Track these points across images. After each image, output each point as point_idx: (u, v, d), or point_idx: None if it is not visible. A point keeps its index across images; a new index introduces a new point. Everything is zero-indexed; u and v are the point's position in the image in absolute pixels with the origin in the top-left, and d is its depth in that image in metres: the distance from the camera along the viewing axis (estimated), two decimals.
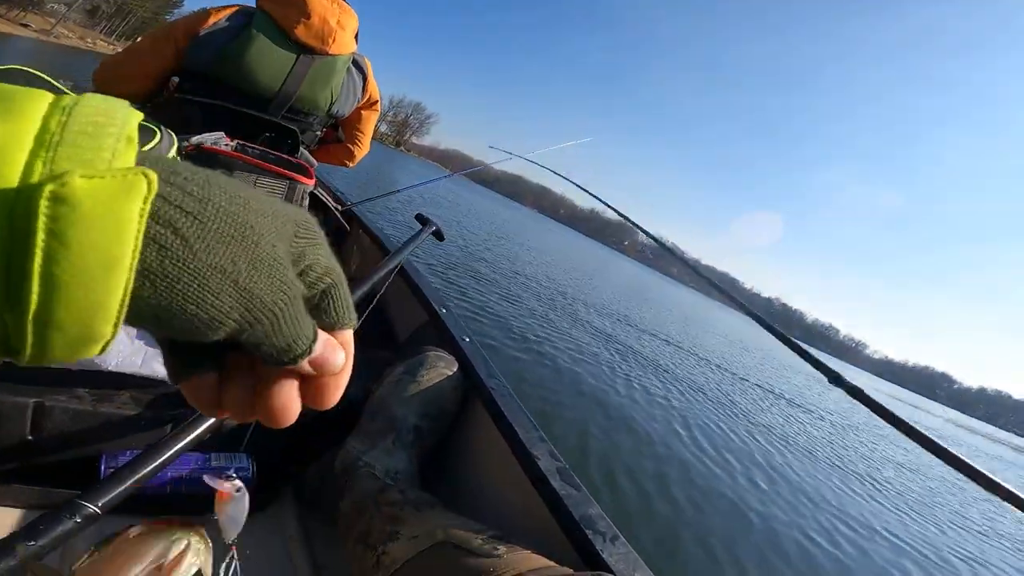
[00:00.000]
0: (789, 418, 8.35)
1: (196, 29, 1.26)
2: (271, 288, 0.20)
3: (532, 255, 15.08)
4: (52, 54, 22.75)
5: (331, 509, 0.89)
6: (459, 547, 0.72)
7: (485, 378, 1.07)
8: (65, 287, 0.16)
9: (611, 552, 0.74)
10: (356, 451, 0.92)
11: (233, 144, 1.13)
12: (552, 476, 0.85)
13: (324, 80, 1.37)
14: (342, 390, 0.25)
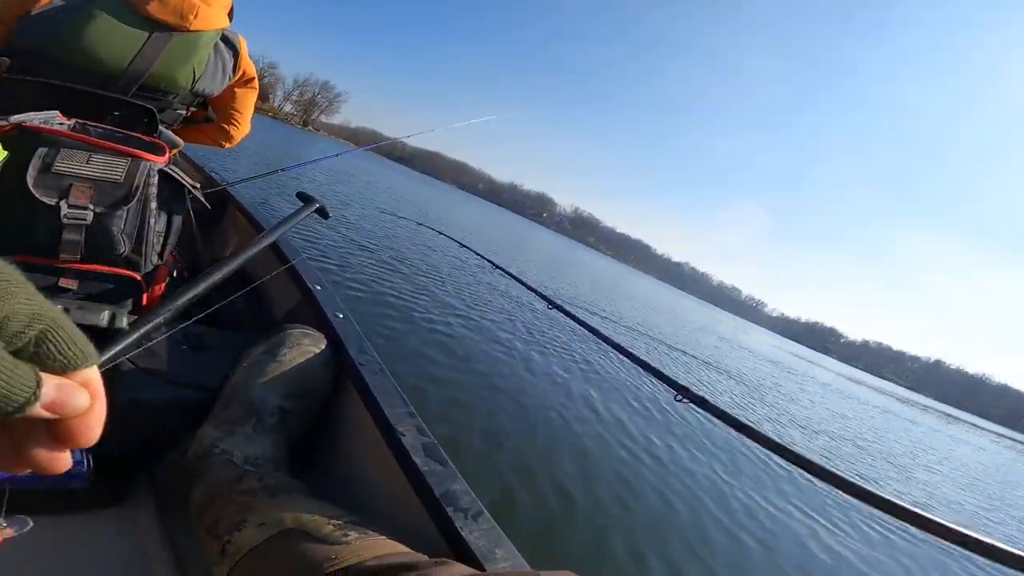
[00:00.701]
0: (694, 379, 8.95)
1: (27, 7, 1.17)
2: None
3: (446, 230, 14.90)
4: None
5: (183, 499, 0.86)
6: (307, 534, 0.70)
7: (355, 354, 1.04)
8: None
9: (472, 529, 0.72)
10: (211, 438, 0.89)
11: (71, 123, 1.05)
12: (416, 452, 0.83)
13: (183, 57, 1.29)
14: (99, 426, 0.26)
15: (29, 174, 0.92)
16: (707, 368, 10.94)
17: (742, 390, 9.88)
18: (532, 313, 7.43)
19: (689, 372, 8.99)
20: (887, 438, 12.19)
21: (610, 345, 1.63)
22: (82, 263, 0.96)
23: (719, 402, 1.24)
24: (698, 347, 14.66)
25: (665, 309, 29.25)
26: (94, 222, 0.95)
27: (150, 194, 1.03)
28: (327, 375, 1.04)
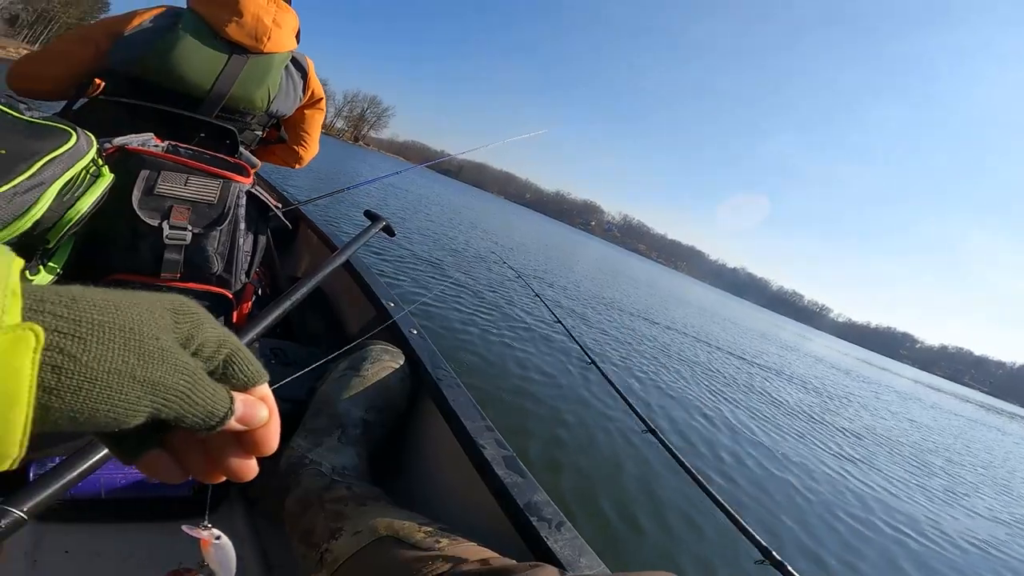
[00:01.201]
0: (760, 390, 8.59)
1: (119, 29, 1.22)
2: (169, 372, 0.24)
3: (498, 243, 15.06)
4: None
5: (278, 508, 0.89)
6: (400, 541, 0.72)
7: (432, 369, 1.06)
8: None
9: (556, 539, 0.73)
10: (301, 449, 0.92)
11: (164, 145, 1.10)
12: (497, 464, 0.84)
13: (259, 79, 1.34)
14: (277, 435, 0.29)
15: (134, 196, 0.97)
16: (773, 376, 10.47)
17: (813, 401, 9.39)
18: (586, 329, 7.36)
19: (752, 382, 8.61)
20: (977, 450, 11.25)
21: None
22: (181, 282, 1.01)
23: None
24: (760, 355, 14.08)
25: (721, 315, 28.33)
26: (192, 242, 1.00)
27: (239, 215, 1.07)
28: (405, 389, 1.07)
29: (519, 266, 11.17)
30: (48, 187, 0.84)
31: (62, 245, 0.90)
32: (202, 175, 1.04)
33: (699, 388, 6.23)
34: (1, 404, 0.21)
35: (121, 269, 0.98)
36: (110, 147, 1.00)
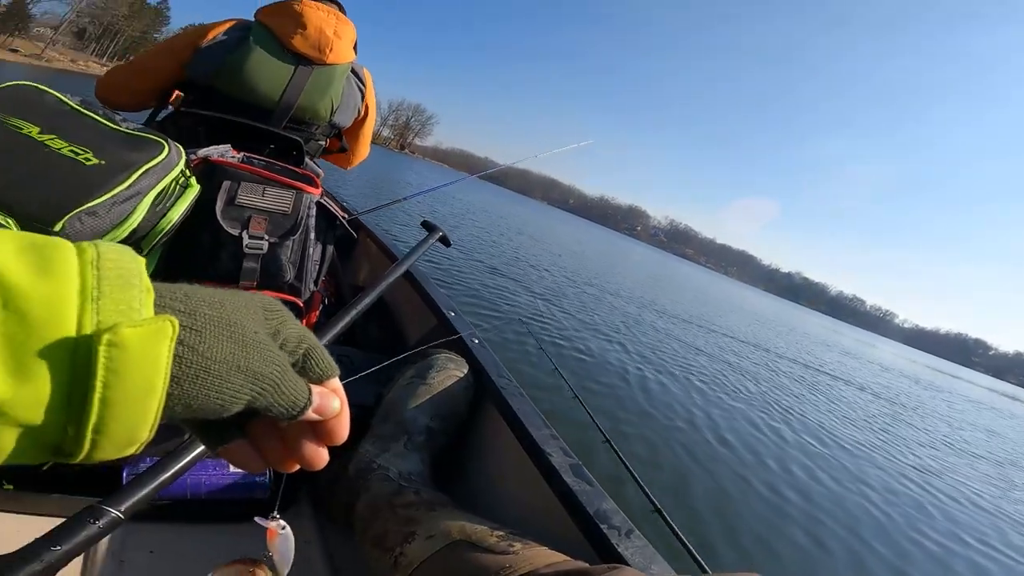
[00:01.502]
0: (821, 397, 8.20)
1: (197, 43, 1.29)
2: (265, 363, 0.26)
3: (545, 250, 15.07)
4: (47, 78, 22.71)
5: (346, 511, 0.91)
6: (474, 545, 0.72)
7: (495, 378, 1.07)
8: (118, 407, 0.22)
9: (627, 546, 0.73)
10: (370, 454, 0.94)
11: (239, 156, 1.14)
12: (565, 472, 0.85)
13: (323, 89, 1.38)
14: (347, 426, 0.31)
15: (217, 206, 1.02)
16: (840, 385, 9.97)
17: (882, 410, 8.89)
18: (641, 333, 7.24)
19: (816, 390, 8.21)
20: None
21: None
22: (257, 289, 1.05)
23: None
24: (823, 363, 13.46)
25: (777, 322, 27.25)
26: (268, 251, 1.04)
27: (310, 225, 1.11)
28: (468, 397, 1.08)
29: (570, 272, 11.13)
30: (144, 197, 0.88)
31: (152, 253, 0.96)
32: (277, 186, 1.08)
33: (762, 397, 6.00)
34: (141, 390, 0.22)
35: (203, 276, 1.03)
36: (195, 158, 1.05)
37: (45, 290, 0.21)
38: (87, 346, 0.21)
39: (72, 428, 0.22)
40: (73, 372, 0.21)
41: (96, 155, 0.85)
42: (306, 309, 1.14)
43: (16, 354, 0.20)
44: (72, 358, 0.21)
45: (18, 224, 0.75)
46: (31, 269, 0.21)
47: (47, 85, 0.92)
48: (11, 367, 0.20)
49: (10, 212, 0.75)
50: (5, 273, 0.20)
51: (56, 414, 0.21)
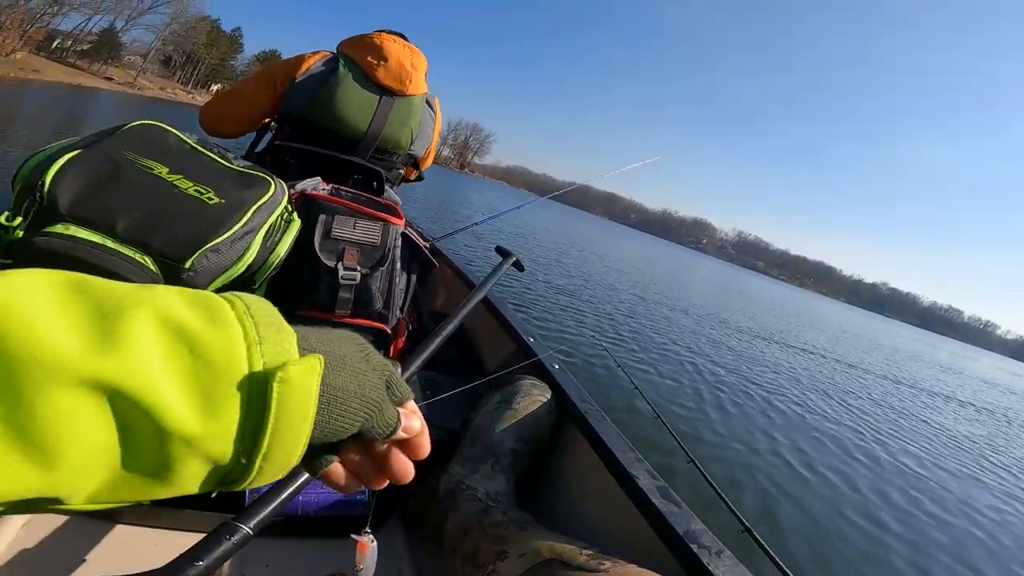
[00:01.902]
0: (916, 415, 7.53)
1: (293, 74, 1.36)
2: (373, 390, 0.30)
3: (611, 267, 14.90)
4: (141, 106, 24.73)
5: (436, 529, 0.94)
6: (566, 564, 0.73)
7: (578, 402, 1.09)
8: (282, 435, 0.25)
9: (718, 565, 0.73)
10: (459, 475, 0.97)
11: (328, 188, 1.20)
12: (652, 494, 0.85)
13: (403, 120, 1.44)
14: (429, 441, 0.35)
15: (316, 239, 1.08)
16: (935, 401, 9.13)
17: (986, 428, 8.05)
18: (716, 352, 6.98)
19: (910, 409, 7.53)
20: None
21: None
22: (350, 317, 1.11)
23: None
24: (917, 379, 12.38)
25: (863, 336, 25.36)
26: (361, 281, 1.10)
27: (397, 255, 1.16)
28: (551, 421, 1.10)
29: (639, 289, 10.94)
30: (257, 233, 0.93)
31: (261, 286, 1.03)
32: (367, 218, 1.13)
33: (850, 416, 5.60)
34: (298, 420, 0.26)
35: (303, 306, 1.09)
36: (294, 193, 1.11)
37: (219, 337, 0.24)
38: (261, 384, 0.25)
39: (244, 457, 0.25)
40: (248, 407, 0.24)
41: (217, 194, 0.91)
42: (393, 335, 1.19)
43: (206, 394, 0.23)
44: (248, 395, 0.24)
45: (154, 261, 0.84)
46: (204, 319, 0.24)
47: (142, 113, 1.01)
48: (203, 406, 0.23)
49: (147, 250, 0.82)
50: (187, 323, 0.24)
51: (235, 445, 0.25)
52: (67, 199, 0.80)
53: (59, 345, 0.20)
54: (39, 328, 0.20)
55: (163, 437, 0.22)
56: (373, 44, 1.41)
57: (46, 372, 0.20)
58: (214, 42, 60.04)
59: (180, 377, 0.23)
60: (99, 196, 0.82)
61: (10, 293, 0.20)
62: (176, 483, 0.24)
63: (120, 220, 0.81)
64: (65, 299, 0.21)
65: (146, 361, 0.22)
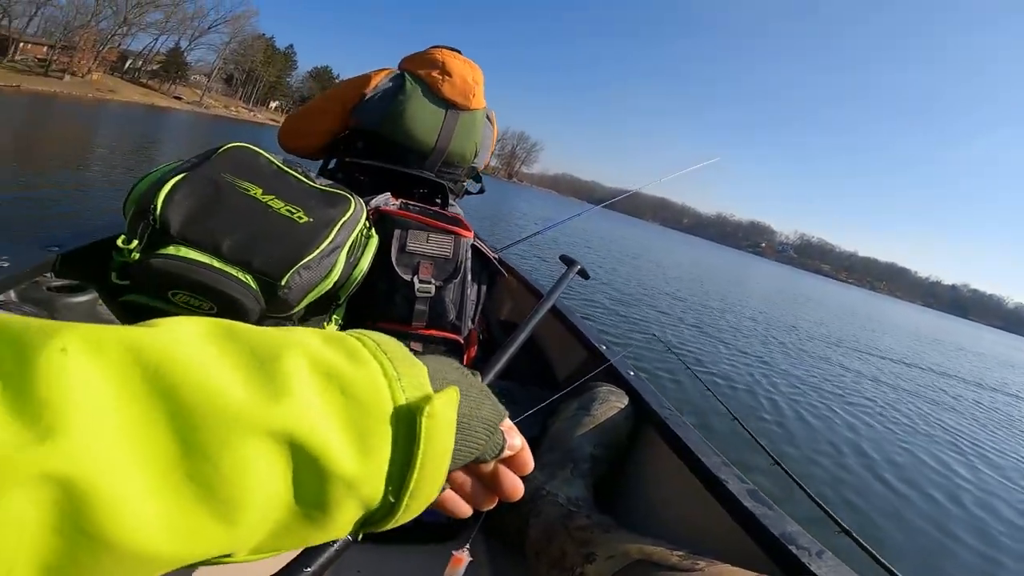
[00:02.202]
0: (1011, 422, 6.90)
1: (362, 91, 1.41)
2: (488, 411, 0.31)
3: (668, 273, 14.59)
4: (209, 124, 26.18)
5: (516, 535, 0.95)
6: (657, 564, 0.73)
7: (657, 408, 1.09)
8: (428, 469, 0.25)
9: (820, 566, 0.71)
10: (538, 481, 0.98)
11: (397, 203, 1.24)
12: (743, 497, 0.84)
13: (468, 133, 1.48)
14: (531, 456, 0.35)
15: (392, 254, 1.12)
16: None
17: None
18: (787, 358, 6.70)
19: (1002, 416, 6.92)
20: None
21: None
22: (426, 329, 1.15)
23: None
24: (1005, 383, 11.36)
25: (943, 340, 23.55)
26: (435, 294, 1.13)
27: (468, 267, 1.19)
28: (628, 427, 1.10)
29: (700, 295, 10.67)
30: (342, 250, 0.97)
31: (344, 301, 1.07)
32: (438, 232, 1.16)
33: (939, 424, 5.22)
34: (441, 453, 0.26)
35: (381, 319, 1.13)
36: (371, 210, 1.14)
37: (363, 376, 0.24)
38: (409, 419, 0.24)
39: (393, 496, 0.24)
40: (397, 444, 0.24)
41: (306, 213, 0.96)
42: (466, 345, 1.22)
43: (360, 434, 0.23)
44: (396, 431, 0.24)
45: (254, 279, 0.88)
46: (345, 358, 0.24)
47: (210, 131, 1.07)
48: (359, 446, 0.23)
49: (249, 269, 0.88)
50: (334, 364, 0.23)
51: (386, 484, 0.24)
52: (177, 221, 0.85)
53: (231, 395, 0.20)
54: (210, 380, 0.20)
55: (327, 481, 0.22)
56: (436, 60, 1.45)
57: (224, 423, 0.19)
58: (270, 59, 62.44)
59: (337, 419, 0.23)
60: (205, 218, 0.88)
61: (174, 346, 0.20)
62: (331, 528, 0.24)
63: (224, 240, 0.86)
64: (223, 348, 0.21)
65: (309, 405, 0.22)
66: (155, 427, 0.18)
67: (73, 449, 0.16)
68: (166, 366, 0.19)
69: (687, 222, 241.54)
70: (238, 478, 0.19)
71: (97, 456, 0.17)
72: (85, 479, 0.16)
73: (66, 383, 0.17)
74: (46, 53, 36.72)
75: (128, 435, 0.17)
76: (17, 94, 23.30)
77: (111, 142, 11.82)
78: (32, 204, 5.03)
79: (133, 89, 42.13)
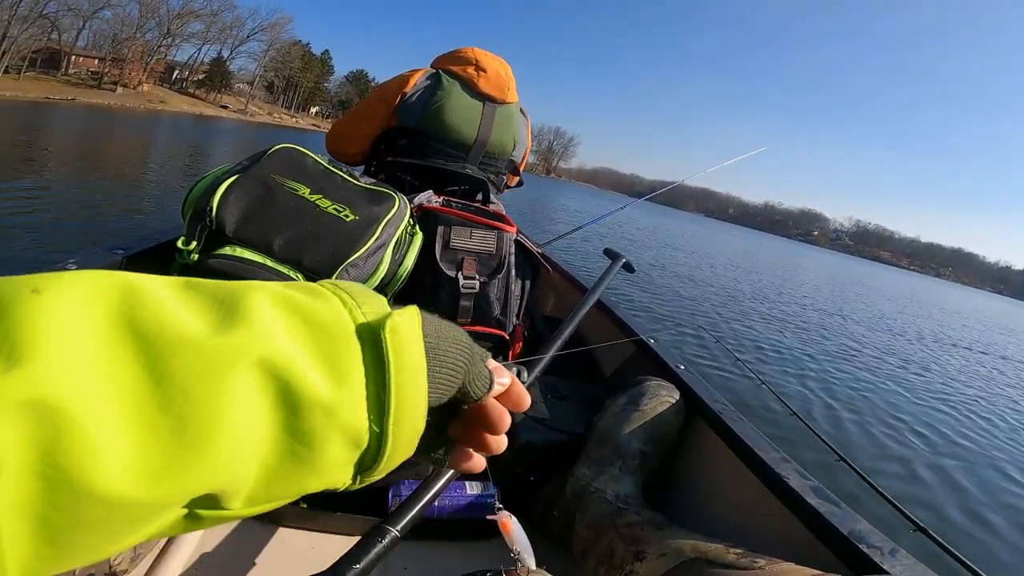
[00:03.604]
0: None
1: (402, 90, 1.45)
2: (463, 335, 0.31)
3: (719, 265, 14.20)
4: (254, 132, 26.89)
5: (563, 531, 0.94)
6: (713, 562, 0.70)
7: (711, 403, 1.06)
8: (405, 390, 0.25)
9: (893, 564, 0.67)
10: (586, 477, 0.97)
11: (440, 200, 1.25)
12: (806, 494, 0.80)
13: (506, 125, 1.50)
14: (527, 393, 0.35)
15: (437, 250, 1.12)
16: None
17: None
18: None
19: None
20: None
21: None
22: (471, 325, 1.15)
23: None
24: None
25: (1013, 326, 22.06)
26: (480, 289, 1.13)
27: (512, 262, 1.18)
28: (679, 422, 1.07)
29: (755, 287, 10.37)
30: (387, 247, 0.99)
31: (391, 298, 1.10)
32: (481, 228, 1.17)
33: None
34: (416, 372, 0.26)
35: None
36: (414, 207, 1.16)
37: (323, 305, 0.25)
38: (374, 336, 0.25)
39: (377, 425, 0.25)
40: (368, 364, 0.24)
41: (352, 211, 0.98)
42: (511, 341, 1.21)
43: (329, 359, 0.23)
44: (365, 351, 0.25)
45: (304, 277, 0.90)
46: (306, 295, 0.25)
47: (256, 137, 1.10)
48: (331, 371, 0.23)
49: (299, 268, 0.90)
50: (296, 299, 0.24)
51: (367, 412, 0.24)
52: (232, 222, 0.89)
53: (195, 327, 0.20)
54: (174, 315, 0.20)
55: (304, 408, 0.22)
56: (469, 57, 1.49)
57: (191, 354, 0.19)
58: (308, 65, 63.93)
59: (304, 345, 0.23)
60: (258, 218, 0.91)
61: (139, 285, 0.20)
62: (323, 469, 0.24)
63: (276, 240, 0.89)
64: (183, 293, 0.22)
65: (274, 332, 0.22)
66: (125, 360, 0.18)
67: (48, 373, 0.16)
68: (132, 302, 0.19)
69: (732, 212, 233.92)
70: (211, 407, 0.19)
71: (71, 382, 0.17)
72: (60, 404, 0.16)
73: (39, 318, 0.17)
74: (98, 66, 38.88)
75: (100, 366, 0.18)
76: (73, 107, 24.73)
77: (168, 150, 12.48)
78: (99, 210, 5.38)
79: (182, 99, 44.26)
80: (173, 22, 43.22)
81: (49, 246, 3.96)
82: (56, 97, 28.17)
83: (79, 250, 1.05)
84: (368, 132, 1.54)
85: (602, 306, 1.52)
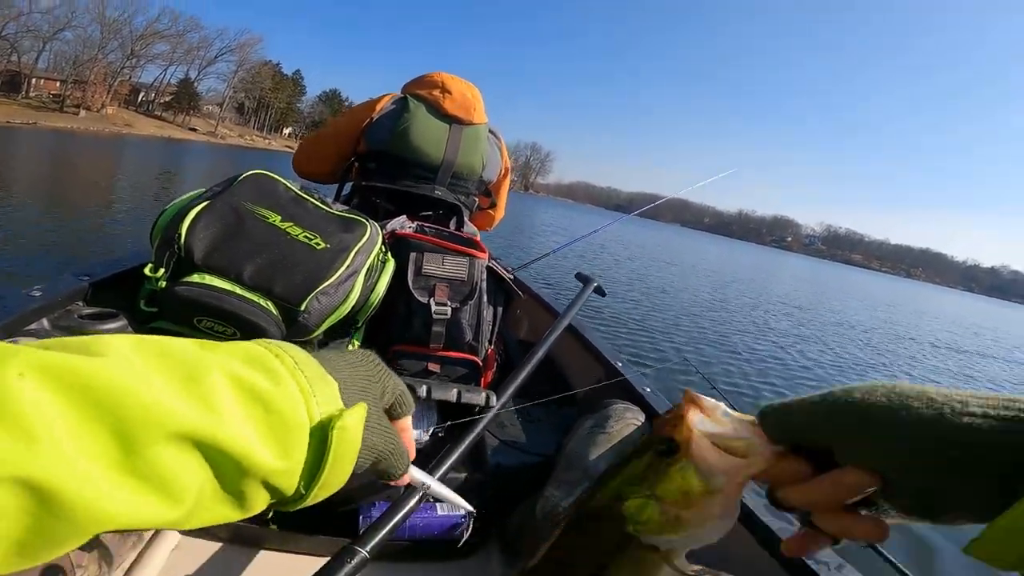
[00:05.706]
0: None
1: (370, 113, 1.47)
2: (390, 440, 0.39)
3: (694, 276, 14.38)
4: (225, 154, 26.34)
5: (533, 552, 0.95)
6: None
7: None
8: (335, 468, 0.32)
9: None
10: (555, 498, 0.98)
11: (413, 226, 1.26)
12: (761, 512, 0.84)
13: (474, 146, 1.52)
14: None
15: (409, 277, 1.13)
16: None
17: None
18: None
19: None
20: None
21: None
22: (443, 350, 1.15)
23: None
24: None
25: (985, 327, 22.67)
26: (452, 316, 1.14)
27: (483, 288, 1.19)
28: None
29: (730, 299, 10.50)
30: (359, 275, 0.99)
31: (363, 325, 1.08)
32: (453, 254, 1.17)
33: None
34: (348, 457, 0.33)
35: (399, 341, 1.14)
36: (386, 234, 1.16)
37: (281, 394, 0.30)
38: (322, 431, 0.31)
39: (303, 487, 0.32)
40: (312, 448, 0.31)
41: (323, 239, 0.98)
42: (484, 366, 1.21)
43: (280, 441, 0.30)
44: (310, 440, 0.31)
45: (275, 305, 0.90)
46: (267, 378, 0.30)
47: (227, 160, 1.09)
48: (279, 451, 0.30)
49: (270, 296, 0.89)
50: (256, 384, 0.29)
51: (299, 479, 0.31)
52: (200, 250, 0.88)
53: (163, 403, 0.25)
54: (143, 394, 0.24)
55: (248, 476, 0.29)
56: (435, 81, 1.52)
57: (154, 428, 0.24)
58: (279, 85, 62.88)
59: (260, 429, 0.29)
60: (227, 246, 0.90)
61: (109, 366, 0.24)
62: (248, 510, 0.31)
63: (246, 267, 0.89)
64: (153, 365, 0.26)
65: (232, 418, 0.28)
66: (97, 433, 0.23)
67: (38, 453, 0.21)
68: (100, 384, 0.23)
69: (708, 221, 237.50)
70: (174, 473, 0.25)
71: (57, 458, 0.21)
72: (48, 477, 0.21)
73: (25, 404, 0.21)
74: (59, 88, 37.77)
75: (75, 440, 0.22)
76: (36, 130, 24.11)
77: (135, 175, 12.22)
78: (65, 237, 5.25)
79: (148, 122, 43.11)
80: (136, 43, 42.54)
81: (13, 275, 3.86)
82: (17, 121, 27.51)
83: (44, 277, 1.04)
84: (336, 153, 1.55)
85: (573, 329, 1.54)
